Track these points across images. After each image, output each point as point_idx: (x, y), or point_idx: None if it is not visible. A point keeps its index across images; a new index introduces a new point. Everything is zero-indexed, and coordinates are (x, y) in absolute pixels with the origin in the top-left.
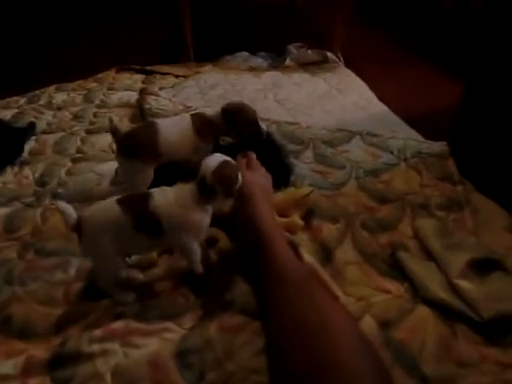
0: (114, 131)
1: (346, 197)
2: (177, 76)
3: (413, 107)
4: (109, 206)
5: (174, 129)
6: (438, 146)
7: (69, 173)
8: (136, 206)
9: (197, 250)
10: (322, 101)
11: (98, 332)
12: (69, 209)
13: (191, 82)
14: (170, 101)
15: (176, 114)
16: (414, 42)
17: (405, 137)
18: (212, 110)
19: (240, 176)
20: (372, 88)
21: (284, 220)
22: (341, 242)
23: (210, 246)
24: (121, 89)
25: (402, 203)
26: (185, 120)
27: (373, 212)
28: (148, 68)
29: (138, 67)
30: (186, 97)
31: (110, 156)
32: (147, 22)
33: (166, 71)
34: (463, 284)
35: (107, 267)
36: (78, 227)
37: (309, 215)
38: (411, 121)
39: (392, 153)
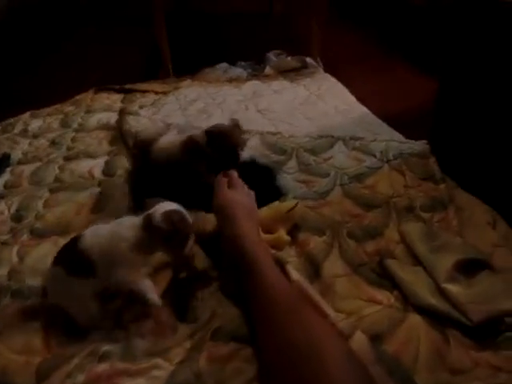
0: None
1: (331, 206)
2: (156, 93)
3: (393, 107)
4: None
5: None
6: (419, 145)
7: (46, 204)
8: (65, 252)
9: (145, 286)
10: (303, 108)
11: (81, 378)
12: None
13: (171, 98)
14: (150, 119)
15: (157, 133)
16: (390, 41)
17: (387, 138)
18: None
19: (190, 230)
20: (352, 90)
21: (270, 236)
22: (328, 255)
23: (184, 264)
24: (99, 110)
25: (388, 208)
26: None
27: (359, 219)
28: (127, 87)
29: (116, 87)
30: (166, 113)
31: (89, 182)
32: (125, 40)
33: (145, 89)
34: (451, 288)
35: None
36: None
37: (295, 229)
38: (392, 121)
39: (375, 156)
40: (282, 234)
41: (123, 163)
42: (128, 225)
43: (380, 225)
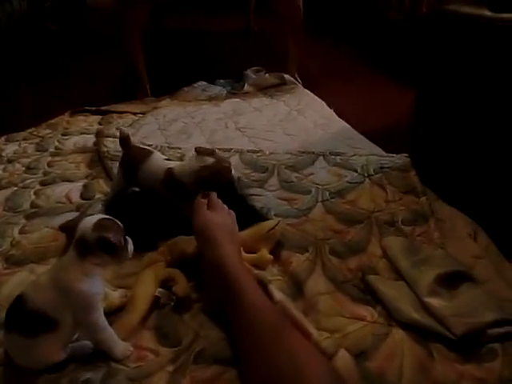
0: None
1: (313, 223)
2: (135, 113)
3: (372, 121)
4: None
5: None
6: (400, 159)
7: (22, 231)
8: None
9: (103, 326)
10: (283, 124)
11: None
12: None
13: (150, 119)
14: None
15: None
16: (369, 55)
17: (367, 153)
18: (183, 165)
19: (121, 233)
20: (331, 104)
21: (252, 256)
22: (311, 272)
23: (166, 288)
24: (76, 133)
25: (369, 222)
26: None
27: (341, 235)
28: (103, 108)
29: (92, 108)
30: (145, 134)
31: (66, 207)
32: (101, 61)
33: (122, 110)
34: (433, 302)
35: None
36: None
37: (277, 247)
38: (372, 135)
39: (356, 171)
40: (265, 253)
41: (102, 187)
42: (65, 260)
43: (362, 240)
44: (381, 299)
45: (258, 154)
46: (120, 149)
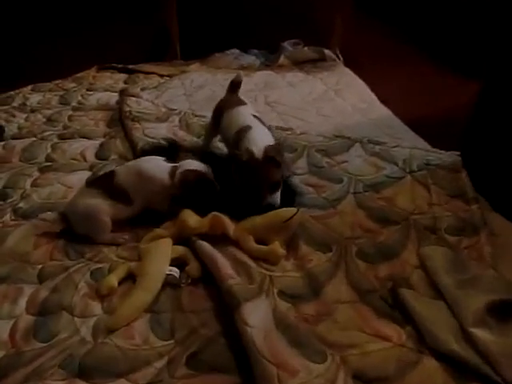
0: None
1: (341, 216)
2: (161, 75)
3: (419, 111)
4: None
5: None
6: (449, 157)
7: (34, 184)
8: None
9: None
10: (318, 103)
11: None
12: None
13: (176, 83)
14: (153, 103)
15: (158, 118)
16: (420, 38)
17: (411, 145)
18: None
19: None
20: (373, 89)
21: (263, 248)
22: (332, 276)
23: (178, 268)
24: (100, 89)
25: (407, 225)
26: None
27: (372, 235)
28: (131, 67)
29: (119, 66)
30: (169, 98)
31: (80, 165)
32: (133, 20)
33: (149, 70)
34: (481, 334)
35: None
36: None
37: (295, 240)
38: (418, 126)
39: (396, 164)
40: (277, 246)
41: (118, 147)
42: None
43: (396, 244)
44: (412, 319)
45: (288, 133)
46: (142, 110)
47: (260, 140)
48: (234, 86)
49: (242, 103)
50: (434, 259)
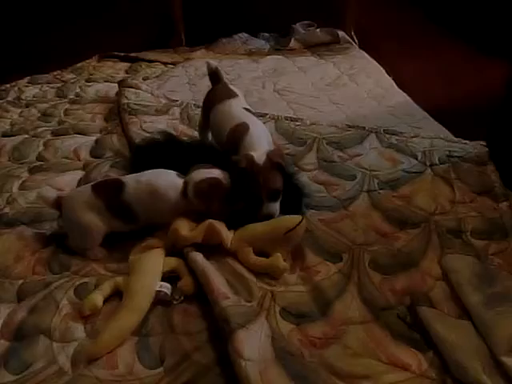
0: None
1: (353, 219)
2: (165, 63)
3: (441, 96)
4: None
5: None
6: (474, 147)
7: (22, 187)
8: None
9: None
10: (330, 90)
11: None
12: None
13: (180, 71)
14: (152, 94)
15: (157, 110)
16: (440, 16)
17: (431, 135)
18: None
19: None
20: (391, 73)
21: (263, 261)
22: (343, 291)
23: (170, 282)
24: (100, 80)
25: (427, 228)
26: None
27: (388, 241)
28: (132, 55)
29: (121, 54)
30: (172, 88)
31: (73, 164)
32: (134, 5)
33: (152, 58)
34: None
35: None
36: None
37: (300, 248)
38: (439, 114)
39: (415, 157)
40: (279, 259)
41: (114, 144)
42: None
43: (415, 252)
44: (435, 343)
45: (297, 124)
46: (141, 102)
47: (259, 142)
48: (213, 76)
49: (233, 95)
50: (458, 272)
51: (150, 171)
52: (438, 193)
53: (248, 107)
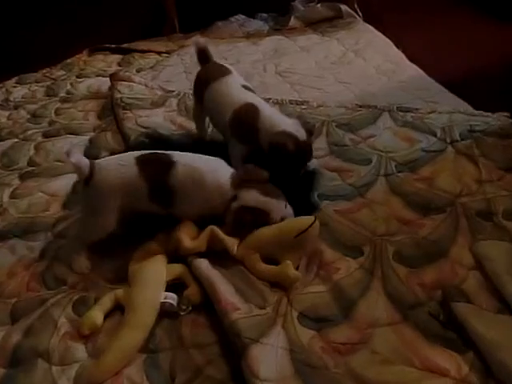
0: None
1: (371, 208)
2: (159, 53)
3: (456, 67)
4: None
5: None
6: (497, 119)
7: (13, 195)
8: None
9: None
10: (336, 68)
11: None
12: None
13: (175, 59)
14: (146, 86)
15: (153, 102)
16: None
17: (449, 109)
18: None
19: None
20: (400, 44)
21: (272, 269)
22: (366, 288)
23: (176, 293)
24: (92, 75)
25: (454, 212)
26: None
27: (412, 229)
28: (124, 46)
29: (112, 46)
30: (167, 78)
31: (65, 168)
32: None
33: (146, 48)
34: None
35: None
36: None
37: (317, 243)
38: (455, 86)
39: (434, 134)
40: (289, 267)
41: (109, 143)
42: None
43: (443, 239)
44: (474, 343)
45: (303, 107)
46: (135, 95)
47: (279, 118)
48: (202, 55)
49: (227, 72)
50: (494, 260)
51: (204, 157)
52: (462, 172)
53: (246, 84)
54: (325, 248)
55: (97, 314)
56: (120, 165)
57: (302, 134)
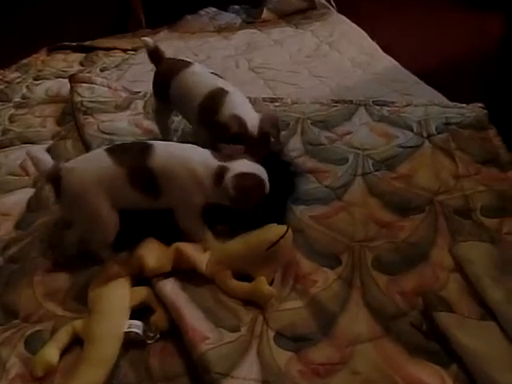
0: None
1: (349, 211)
2: (125, 50)
3: (431, 58)
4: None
5: None
6: (473, 110)
7: None
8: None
9: None
10: (310, 62)
11: None
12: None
13: (142, 57)
14: (110, 88)
15: (117, 106)
16: None
17: (425, 101)
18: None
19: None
20: (375, 36)
21: (244, 286)
22: (345, 301)
23: (142, 319)
24: (50, 76)
25: (433, 211)
26: None
27: (391, 232)
28: (87, 44)
29: (73, 44)
30: (134, 78)
31: (20, 182)
32: None
33: (110, 46)
34: None
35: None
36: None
37: (293, 254)
38: (430, 77)
39: (411, 129)
40: (262, 283)
41: (69, 152)
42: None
43: (423, 242)
44: (457, 353)
45: (277, 104)
46: (96, 98)
47: (243, 106)
48: (154, 55)
49: (190, 63)
50: (474, 262)
51: (180, 144)
52: (439, 167)
53: (213, 71)
54: (301, 258)
55: (51, 352)
56: (90, 161)
57: (253, 124)
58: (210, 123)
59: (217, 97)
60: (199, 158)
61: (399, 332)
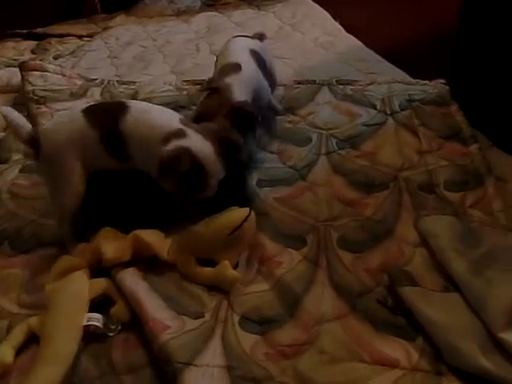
0: None
1: (313, 192)
2: (80, 36)
3: (393, 36)
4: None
5: None
6: (435, 87)
7: None
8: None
9: None
10: (273, 44)
11: None
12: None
13: (98, 43)
14: (64, 75)
15: (72, 94)
16: None
17: (388, 79)
18: None
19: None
20: (337, 15)
21: (208, 272)
22: (311, 281)
23: (103, 311)
24: (0, 65)
25: (397, 187)
26: None
27: (355, 209)
28: (39, 31)
29: (24, 31)
30: (90, 65)
31: None
32: None
33: (64, 32)
34: None
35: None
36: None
37: (257, 236)
38: (392, 54)
39: (374, 107)
40: (226, 267)
41: (21, 144)
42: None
43: (388, 218)
44: (423, 327)
45: None
46: (50, 86)
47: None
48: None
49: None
50: (438, 236)
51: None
52: (403, 144)
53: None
54: (265, 240)
55: (6, 351)
56: (66, 122)
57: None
58: None
59: None
60: (161, 120)
61: (365, 309)
